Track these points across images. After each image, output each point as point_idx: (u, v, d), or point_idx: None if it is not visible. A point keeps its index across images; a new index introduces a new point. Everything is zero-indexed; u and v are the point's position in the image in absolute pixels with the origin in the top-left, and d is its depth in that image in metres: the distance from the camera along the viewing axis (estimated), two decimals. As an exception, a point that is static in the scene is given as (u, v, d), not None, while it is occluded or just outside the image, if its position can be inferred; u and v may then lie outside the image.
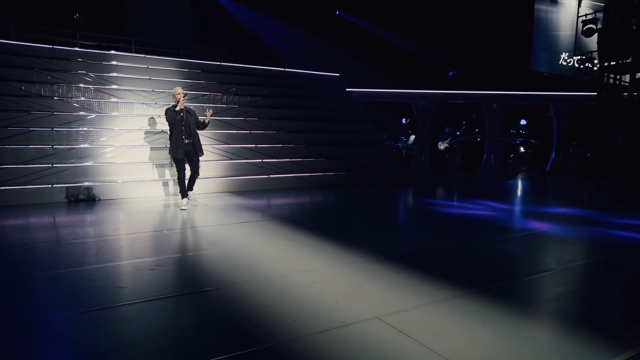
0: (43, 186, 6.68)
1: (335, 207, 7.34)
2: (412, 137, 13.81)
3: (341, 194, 8.38)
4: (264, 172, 8.81)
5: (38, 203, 6.55)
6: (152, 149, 8.00)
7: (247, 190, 8.33)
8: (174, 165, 6.47)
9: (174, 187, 7.69)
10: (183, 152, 6.12)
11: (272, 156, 9.15)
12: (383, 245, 4.42)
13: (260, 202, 7.22)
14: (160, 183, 7.72)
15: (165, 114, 6.19)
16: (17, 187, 6.52)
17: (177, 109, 6.05)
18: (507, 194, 8.98)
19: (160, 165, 7.81)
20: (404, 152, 14.18)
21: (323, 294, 2.97)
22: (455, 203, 7.69)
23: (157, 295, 2.89)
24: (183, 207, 6.19)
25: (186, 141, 6.12)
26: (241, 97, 10.25)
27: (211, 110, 6.55)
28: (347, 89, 12.52)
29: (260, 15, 13.69)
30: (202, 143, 6.40)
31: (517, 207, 7.21)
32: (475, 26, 13.69)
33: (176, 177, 6.47)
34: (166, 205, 6.76)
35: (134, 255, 3.90)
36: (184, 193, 6.31)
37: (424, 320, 2.58)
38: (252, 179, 8.56)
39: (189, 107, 6.53)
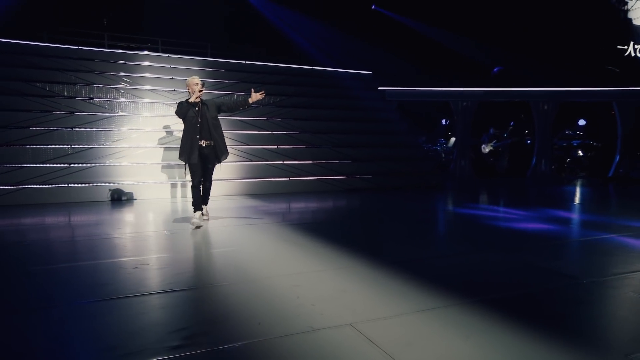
0: (59, 186, 7.09)
1: (351, 211, 7.27)
2: (452, 139, 13.42)
3: (363, 198, 8.28)
4: (285, 174, 8.87)
5: (54, 202, 6.95)
6: (170, 149, 8.27)
7: (265, 193, 8.41)
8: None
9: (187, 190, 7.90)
10: (198, 156, 5.22)
11: (295, 158, 9.20)
12: (387, 250, 4.32)
13: (273, 204, 7.27)
14: (177, 185, 7.97)
15: (177, 107, 5.37)
16: (34, 187, 6.96)
17: (191, 100, 5.21)
18: (555, 202, 8.51)
19: (176, 167, 8.05)
20: (442, 155, 13.81)
21: (302, 297, 2.93)
22: (489, 209, 7.38)
23: (128, 294, 2.97)
24: (195, 222, 5.17)
25: (203, 143, 5.24)
26: (265, 97, 10.38)
27: (263, 93, 5.62)
28: (379, 88, 12.41)
29: (290, 12, 13.88)
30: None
31: (570, 216, 6.78)
32: (527, 17, 13.17)
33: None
34: (177, 207, 6.96)
35: (124, 254, 4.04)
36: (197, 205, 5.34)
37: (400, 329, 2.47)
38: (271, 182, 8.64)
39: (208, 99, 5.53)
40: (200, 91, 5.25)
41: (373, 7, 15.45)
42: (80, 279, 3.32)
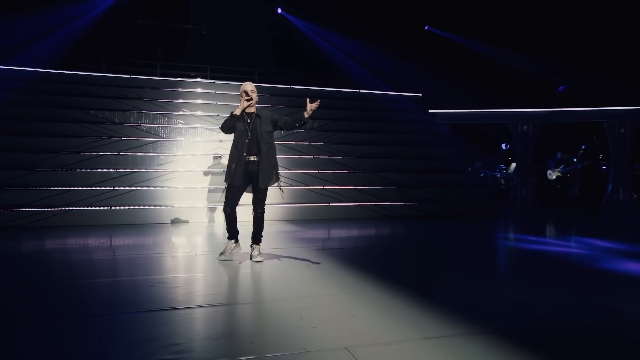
0: (103, 208, 7.67)
1: (387, 238, 7.23)
2: (513, 165, 12.93)
3: (406, 225, 8.19)
4: (325, 200, 8.99)
5: (98, 224, 7.52)
6: (213, 173, 8.69)
7: (303, 218, 8.55)
8: None
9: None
10: (242, 176, 4.69)
11: (336, 183, 9.32)
12: (411, 277, 4.28)
13: (309, 231, 7.38)
14: (215, 209, 8.32)
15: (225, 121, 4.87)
16: (81, 209, 7.59)
17: (235, 113, 4.72)
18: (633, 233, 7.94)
19: (218, 191, 8.41)
20: (502, 182, 13.31)
21: (305, 319, 2.99)
22: (549, 240, 7.01)
23: (138, 309, 3.17)
24: (223, 255, 4.85)
25: (251, 158, 4.71)
26: (308, 122, 10.70)
27: (318, 102, 4.77)
28: (429, 111, 12.34)
29: (337, 36, 14.30)
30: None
31: None
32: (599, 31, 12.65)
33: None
34: (214, 230, 7.27)
35: (145, 272, 4.30)
36: (232, 232, 4.91)
37: (396, 355, 2.46)
38: (310, 207, 8.78)
39: (262, 111, 4.97)
40: (247, 101, 4.68)
41: (426, 27, 15.54)
42: (99, 294, 3.60)
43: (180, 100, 10.34)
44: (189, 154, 9.05)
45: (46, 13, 11.42)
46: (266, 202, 4.94)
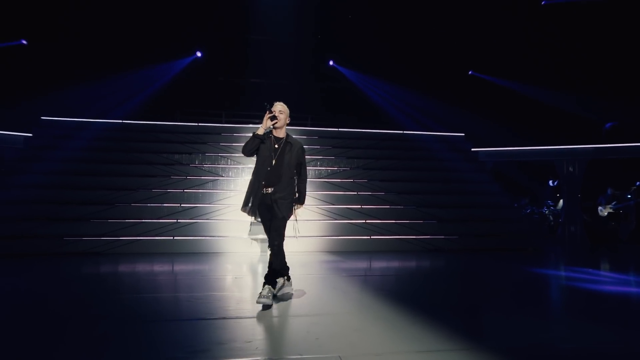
0: (167, 238, 8.24)
1: (420, 268, 7.09)
2: (561, 201, 12.26)
3: (445, 258, 8.00)
4: (366, 233, 9.04)
5: (162, 252, 8.07)
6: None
7: (343, 250, 8.62)
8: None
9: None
10: (262, 210, 4.05)
11: (378, 217, 9.36)
12: (431, 300, 4.23)
13: (348, 260, 7.44)
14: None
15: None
16: (148, 238, 8.21)
17: (260, 132, 3.97)
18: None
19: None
20: (551, 218, 12.61)
21: (312, 332, 3.12)
22: (592, 277, 6.57)
23: (169, 318, 3.44)
24: (261, 298, 3.79)
25: (269, 190, 3.96)
26: (353, 160, 10.98)
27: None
28: (472, 149, 12.16)
29: (384, 83, 14.65)
30: (306, 202, 4.43)
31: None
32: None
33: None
34: (256, 259, 7.55)
35: (188, 290, 4.62)
36: (282, 267, 4.11)
37: None
38: (352, 239, 8.86)
39: (295, 140, 4.18)
40: (271, 119, 3.90)
41: (470, 72, 15.53)
42: (143, 308, 3.93)
43: (239, 144, 11.00)
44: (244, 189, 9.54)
45: (133, 74, 12.78)
46: (307, 235, 4.64)
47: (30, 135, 10.51)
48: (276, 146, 3.99)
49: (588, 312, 4.01)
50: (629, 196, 12.38)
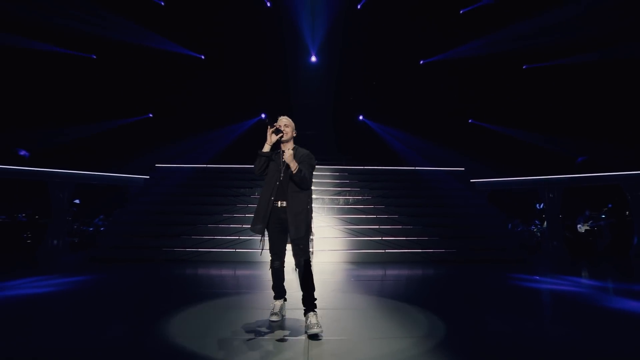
0: (230, 250, 9.09)
1: (422, 275, 7.33)
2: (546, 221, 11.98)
3: (439, 267, 8.18)
4: (382, 247, 9.40)
5: (227, 261, 8.91)
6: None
7: (362, 261, 8.99)
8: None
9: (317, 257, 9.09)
10: (275, 223, 3.42)
11: (391, 235, 9.71)
12: (422, 299, 4.56)
13: (360, 269, 7.83)
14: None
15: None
16: (218, 250, 9.10)
17: (265, 149, 3.47)
18: None
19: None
20: (538, 234, 12.37)
21: (302, 321, 3.48)
22: (561, 282, 6.57)
23: (217, 306, 4.12)
24: (275, 315, 3.54)
25: (283, 204, 3.38)
26: (375, 190, 11.46)
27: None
28: (471, 180, 12.26)
29: (400, 131, 15.21)
30: (335, 223, 3.85)
31: None
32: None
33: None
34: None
35: (215, 287, 5.31)
36: (278, 292, 3.65)
37: (340, 345, 2.94)
38: (370, 253, 9.23)
39: (304, 153, 3.66)
40: (275, 133, 3.37)
41: (470, 120, 15.76)
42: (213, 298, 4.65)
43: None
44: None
45: (213, 132, 14.28)
46: (335, 249, 4.66)
47: (148, 177, 12.04)
48: (284, 159, 3.34)
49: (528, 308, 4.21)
50: (603, 216, 11.96)
